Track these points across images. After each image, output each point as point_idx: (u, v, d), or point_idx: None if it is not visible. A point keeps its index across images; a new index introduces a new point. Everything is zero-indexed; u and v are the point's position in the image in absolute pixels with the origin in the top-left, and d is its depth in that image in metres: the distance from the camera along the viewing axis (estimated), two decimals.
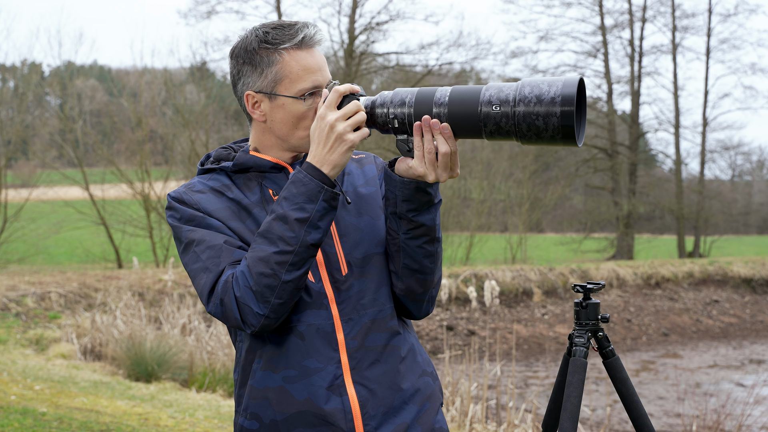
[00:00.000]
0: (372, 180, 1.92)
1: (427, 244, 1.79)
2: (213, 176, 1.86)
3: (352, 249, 1.82)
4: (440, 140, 1.64)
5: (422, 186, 1.71)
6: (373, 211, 1.87)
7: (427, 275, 1.83)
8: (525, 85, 1.57)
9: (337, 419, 1.74)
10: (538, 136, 1.56)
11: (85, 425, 5.50)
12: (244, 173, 1.85)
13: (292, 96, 1.78)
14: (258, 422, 1.79)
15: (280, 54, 1.78)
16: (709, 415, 7.07)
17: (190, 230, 1.77)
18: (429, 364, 1.93)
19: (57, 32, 45.85)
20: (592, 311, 2.13)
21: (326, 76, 1.81)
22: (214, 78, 24.05)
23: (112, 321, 9.82)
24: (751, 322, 17.62)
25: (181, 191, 1.82)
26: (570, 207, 32.60)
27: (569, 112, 1.52)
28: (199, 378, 8.31)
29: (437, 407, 1.89)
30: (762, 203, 43.84)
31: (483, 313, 14.65)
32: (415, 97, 1.67)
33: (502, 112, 1.57)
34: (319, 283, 1.79)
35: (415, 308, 1.88)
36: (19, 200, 21.63)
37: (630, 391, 2.14)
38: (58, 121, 22.13)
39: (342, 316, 1.78)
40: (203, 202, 1.79)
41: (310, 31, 1.79)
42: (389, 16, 22.12)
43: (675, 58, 27.60)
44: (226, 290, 1.69)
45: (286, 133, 1.82)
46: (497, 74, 32.78)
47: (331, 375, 1.76)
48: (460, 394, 6.75)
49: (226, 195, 1.82)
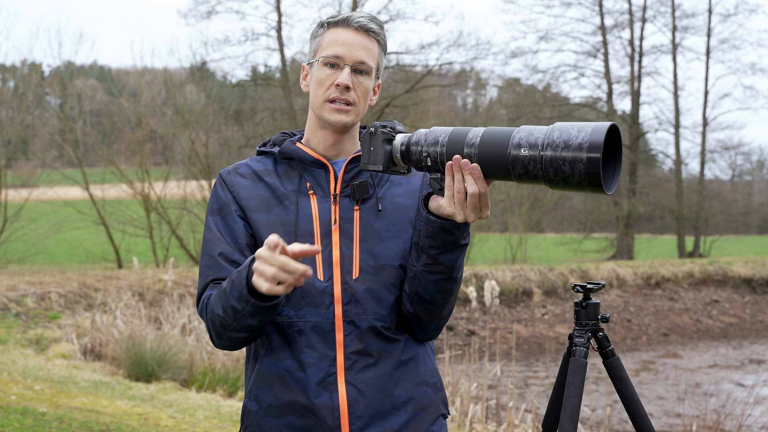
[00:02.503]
0: (412, 193, 1.92)
1: (443, 281, 1.80)
2: (263, 159, 1.96)
3: (369, 256, 1.84)
4: (469, 180, 1.63)
5: (447, 227, 1.72)
6: (401, 224, 1.88)
7: (437, 308, 1.84)
8: (555, 130, 1.56)
9: (324, 414, 1.78)
10: (565, 181, 1.54)
11: (85, 425, 5.50)
12: (289, 162, 1.93)
13: (317, 61, 1.88)
14: (258, 404, 1.85)
15: (325, 29, 1.91)
16: (709, 415, 7.07)
17: (208, 227, 1.90)
18: (433, 375, 1.92)
19: (57, 32, 45.88)
20: (592, 311, 2.13)
21: (354, 54, 1.86)
22: (214, 78, 24.04)
23: (112, 321, 9.82)
24: (751, 322, 17.62)
25: (229, 170, 1.94)
26: (570, 207, 32.59)
27: (596, 159, 1.49)
28: (199, 378, 8.31)
29: (434, 418, 1.89)
30: (762, 203, 43.84)
31: (483, 313, 14.65)
32: (448, 136, 1.68)
33: (530, 156, 1.56)
34: (329, 281, 1.82)
35: (419, 332, 1.89)
36: (19, 200, 21.64)
37: (630, 391, 2.14)
38: (58, 121, 22.13)
39: (344, 318, 1.80)
40: (238, 187, 1.90)
41: (356, 16, 1.89)
42: (389, 16, 22.12)
43: (675, 58, 27.61)
44: (203, 308, 1.83)
45: (312, 100, 1.90)
46: (497, 74, 32.82)
47: (324, 372, 1.79)
48: (460, 394, 6.75)
49: (264, 180, 1.91)
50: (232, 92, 24.22)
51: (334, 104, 1.86)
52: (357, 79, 1.87)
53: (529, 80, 29.76)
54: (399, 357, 1.85)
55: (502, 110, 28.13)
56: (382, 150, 1.74)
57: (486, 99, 33.82)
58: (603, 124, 1.53)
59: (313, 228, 1.84)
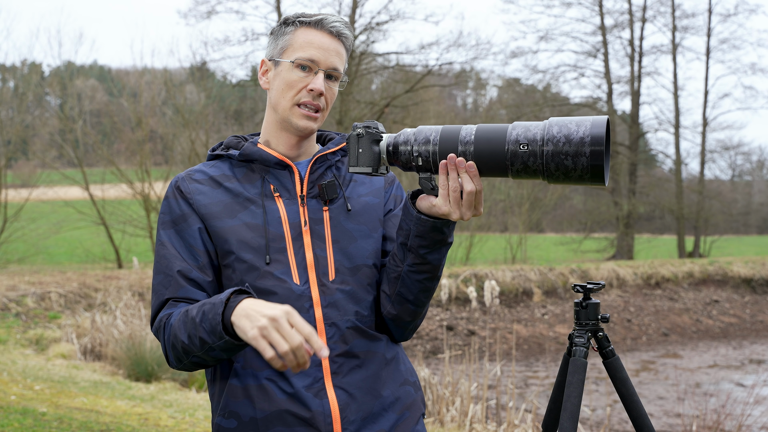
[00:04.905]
0: (377, 191, 1.91)
1: (428, 280, 1.79)
2: (217, 163, 1.88)
3: (343, 256, 1.81)
4: (465, 179, 1.63)
5: (438, 225, 1.71)
6: (371, 223, 1.87)
7: (419, 307, 1.84)
8: (553, 125, 1.57)
9: (317, 422, 1.73)
10: (566, 175, 1.56)
11: (85, 425, 5.50)
12: (248, 164, 1.86)
13: (288, 61, 1.82)
14: (236, 420, 1.77)
15: (296, 27, 1.84)
16: (709, 415, 7.07)
17: (161, 243, 1.81)
18: (412, 374, 1.92)
19: (57, 32, 45.82)
20: (592, 311, 2.13)
21: (329, 60, 1.81)
22: (214, 78, 24.06)
23: (112, 321, 9.83)
24: (751, 322, 17.62)
25: (183, 176, 1.85)
26: (570, 207, 32.60)
27: (599, 151, 1.52)
28: (199, 378, 8.31)
29: (417, 417, 1.89)
30: (762, 203, 43.85)
31: (483, 313, 14.65)
32: (439, 135, 1.66)
33: (529, 151, 1.57)
34: (306, 285, 1.78)
35: (397, 333, 1.88)
36: (19, 200, 21.64)
37: (630, 391, 2.14)
38: (58, 121, 22.13)
39: (326, 320, 1.77)
40: (196, 194, 1.82)
41: (331, 19, 1.83)
42: (389, 16, 22.12)
43: (675, 58, 27.62)
44: (159, 327, 1.75)
45: (277, 100, 1.83)
46: (497, 74, 32.83)
47: (312, 377, 1.75)
48: (460, 394, 6.75)
49: (223, 185, 1.83)
50: (232, 92, 24.23)
51: (303, 109, 1.81)
52: (327, 85, 1.83)
53: (529, 80, 29.81)
54: (384, 356, 1.84)
55: (502, 110, 28.14)
56: (371, 152, 1.71)
57: (486, 99, 33.86)
58: (601, 118, 1.55)
59: (283, 231, 1.79)
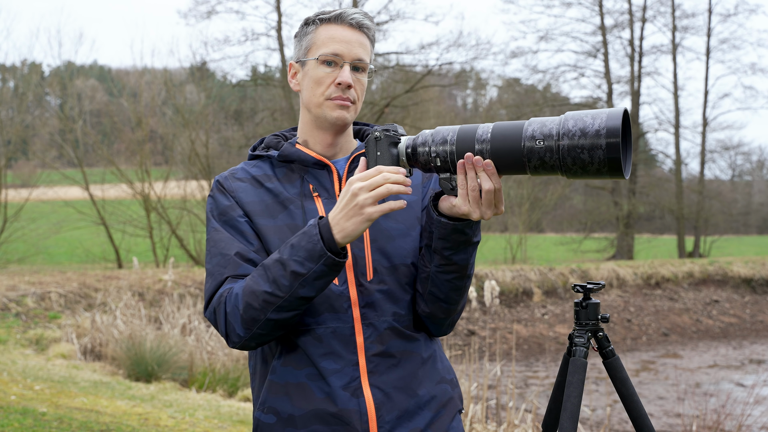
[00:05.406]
0: (415, 188, 1.90)
1: (457, 279, 1.80)
2: (258, 163, 1.90)
3: (381, 256, 1.82)
4: (483, 177, 1.62)
5: (459, 227, 1.70)
6: (408, 221, 1.86)
7: (452, 305, 1.84)
8: (569, 119, 1.56)
9: (353, 420, 1.75)
10: (584, 169, 1.54)
11: (85, 425, 5.50)
12: (287, 164, 1.88)
13: (313, 59, 1.83)
14: (275, 416, 1.80)
15: (317, 25, 1.85)
16: (709, 415, 7.06)
17: (214, 229, 1.83)
18: (449, 372, 1.93)
19: (57, 32, 45.79)
20: (592, 311, 2.13)
21: (353, 52, 1.82)
22: (214, 78, 24.05)
23: (112, 321, 9.82)
24: (751, 322, 17.62)
25: (226, 175, 1.88)
26: (570, 207, 32.59)
27: (615, 144, 1.50)
28: (199, 378, 8.31)
29: (453, 414, 1.90)
30: (762, 203, 43.84)
31: (483, 313, 14.65)
32: (456, 134, 1.66)
33: (546, 147, 1.56)
34: (344, 285, 1.79)
35: (434, 329, 1.89)
36: (19, 200, 21.65)
37: (630, 391, 2.14)
38: (58, 121, 22.13)
39: (363, 320, 1.79)
40: (239, 191, 1.85)
41: (350, 12, 1.84)
42: (389, 16, 22.12)
43: (675, 58, 27.62)
44: (219, 302, 1.75)
45: (308, 99, 1.85)
46: (497, 74, 32.82)
47: (348, 377, 1.76)
48: None
49: (264, 185, 1.85)
50: (232, 92, 24.22)
51: (336, 101, 1.82)
52: (355, 77, 1.84)
53: (529, 80, 29.81)
54: (421, 355, 1.85)
55: (502, 110, 28.14)
56: (389, 154, 1.72)
57: (486, 99, 33.86)
58: (617, 109, 1.53)
59: None
